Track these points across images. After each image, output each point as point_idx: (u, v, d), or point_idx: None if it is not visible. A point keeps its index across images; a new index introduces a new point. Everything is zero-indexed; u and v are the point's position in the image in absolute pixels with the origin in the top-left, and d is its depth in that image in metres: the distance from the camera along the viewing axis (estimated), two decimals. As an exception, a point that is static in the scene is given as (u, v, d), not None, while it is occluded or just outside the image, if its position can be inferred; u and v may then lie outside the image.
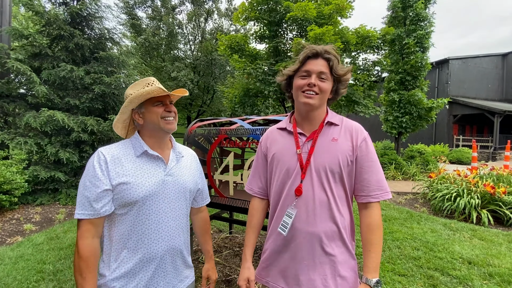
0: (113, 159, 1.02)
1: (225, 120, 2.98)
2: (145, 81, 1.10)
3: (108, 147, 1.07)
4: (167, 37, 18.96)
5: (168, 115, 1.10)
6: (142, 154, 1.08)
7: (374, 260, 1.01)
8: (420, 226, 4.05)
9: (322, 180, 1.04)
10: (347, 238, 1.07)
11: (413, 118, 9.26)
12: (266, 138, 1.22)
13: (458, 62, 17.55)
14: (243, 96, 9.22)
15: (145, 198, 1.03)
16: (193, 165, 1.25)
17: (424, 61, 9.18)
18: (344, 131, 1.08)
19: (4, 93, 5.05)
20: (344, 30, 8.36)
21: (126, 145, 1.10)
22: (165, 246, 1.07)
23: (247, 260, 1.15)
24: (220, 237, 3.41)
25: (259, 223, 1.22)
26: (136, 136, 1.11)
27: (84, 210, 0.97)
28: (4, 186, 3.96)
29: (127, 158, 1.05)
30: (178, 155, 1.18)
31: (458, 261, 2.98)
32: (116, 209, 1.02)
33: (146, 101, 1.08)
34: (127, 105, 1.07)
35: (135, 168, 1.04)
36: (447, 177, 5.42)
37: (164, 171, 1.10)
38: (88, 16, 5.92)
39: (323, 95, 1.04)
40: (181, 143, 1.66)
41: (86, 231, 0.97)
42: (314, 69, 1.03)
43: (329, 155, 1.04)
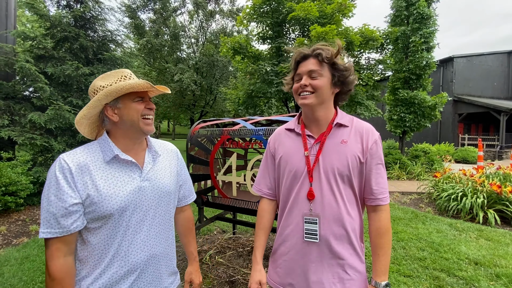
0: (79, 168, 0.88)
1: (228, 120, 2.97)
2: (119, 73, 0.97)
3: (72, 153, 0.91)
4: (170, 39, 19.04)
5: (149, 113, 0.98)
6: (112, 159, 0.94)
7: (383, 263, 1.01)
8: (425, 227, 4.01)
9: (330, 183, 1.02)
10: (356, 241, 1.05)
11: (417, 117, 9.18)
12: (274, 139, 1.20)
13: (463, 60, 17.36)
14: (247, 98, 9.23)
15: (121, 210, 0.91)
16: (173, 163, 1.13)
17: (430, 59, 9.09)
18: (355, 133, 1.05)
19: (10, 94, 5.11)
20: (348, 30, 8.31)
21: (92, 149, 0.95)
22: (146, 255, 0.98)
23: (258, 263, 1.13)
24: (224, 238, 3.41)
25: (268, 224, 1.20)
26: (105, 137, 0.96)
27: (51, 228, 0.85)
28: (10, 187, 4.00)
29: (96, 164, 0.91)
30: (155, 155, 1.06)
31: (465, 261, 2.95)
32: (88, 223, 0.90)
33: (124, 96, 0.94)
34: (102, 98, 0.91)
35: (106, 177, 0.91)
36: (453, 176, 5.36)
37: (139, 177, 0.97)
38: (91, 18, 5.97)
39: (318, 92, 1.02)
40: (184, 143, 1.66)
41: (57, 250, 0.86)
42: (303, 70, 1.04)
43: (337, 157, 1.02)
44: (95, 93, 0.95)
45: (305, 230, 1.04)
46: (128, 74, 0.98)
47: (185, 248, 1.26)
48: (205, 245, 3.27)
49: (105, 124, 0.98)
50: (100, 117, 0.98)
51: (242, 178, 2.51)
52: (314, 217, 1.02)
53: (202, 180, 2.88)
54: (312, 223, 1.03)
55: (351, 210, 1.04)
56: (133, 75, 1.00)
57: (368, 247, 2.73)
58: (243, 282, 2.46)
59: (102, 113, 0.97)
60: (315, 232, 1.02)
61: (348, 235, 1.03)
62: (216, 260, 2.84)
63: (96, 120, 1.01)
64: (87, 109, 0.94)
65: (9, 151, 4.78)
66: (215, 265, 2.75)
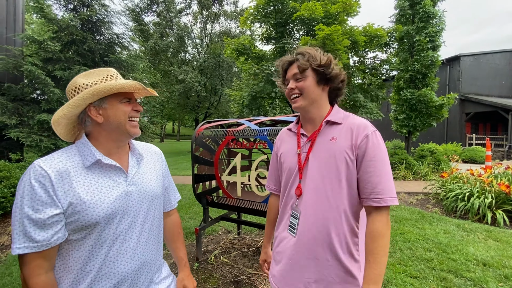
0: (58, 174, 0.80)
1: (232, 121, 2.98)
2: (105, 71, 0.92)
3: (48, 159, 0.83)
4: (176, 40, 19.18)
5: (136, 116, 0.93)
6: (94, 164, 0.87)
7: (373, 271, 0.92)
8: (432, 227, 3.96)
9: (317, 181, 1.01)
10: (340, 245, 0.99)
11: (423, 117, 9.08)
12: (278, 139, 1.28)
13: (469, 58, 17.13)
14: (251, 99, 9.26)
15: (107, 217, 0.85)
16: (157, 165, 1.09)
17: (435, 59, 9.00)
18: (346, 129, 1.02)
19: (19, 97, 5.21)
20: (353, 29, 8.28)
21: (71, 153, 0.87)
22: (137, 264, 0.92)
23: (265, 246, 1.34)
24: (229, 238, 3.42)
25: (275, 218, 1.29)
26: (84, 141, 0.89)
27: (29, 243, 0.76)
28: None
29: (76, 170, 0.84)
30: (139, 158, 1.01)
31: (473, 262, 2.90)
32: (70, 234, 0.83)
33: (111, 96, 0.88)
34: (87, 97, 0.84)
35: (88, 183, 0.84)
36: (460, 176, 5.28)
37: (125, 181, 0.92)
38: (98, 21, 6.05)
39: (306, 93, 1.05)
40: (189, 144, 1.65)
41: (37, 267, 0.78)
42: (289, 75, 1.09)
43: (326, 155, 1.01)
44: (76, 91, 0.87)
45: (290, 223, 1.09)
46: (114, 73, 0.93)
47: (174, 254, 1.18)
48: (210, 245, 3.28)
49: (86, 125, 0.91)
50: (81, 117, 0.90)
51: (247, 179, 2.51)
52: (296, 212, 1.06)
53: (207, 180, 2.89)
54: (294, 218, 1.07)
55: (339, 211, 0.98)
56: (119, 75, 0.95)
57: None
58: (248, 282, 2.46)
59: (84, 113, 0.89)
60: (294, 226, 1.06)
61: (329, 238, 0.98)
62: (221, 260, 2.84)
63: (75, 120, 0.92)
64: (68, 108, 0.86)
65: (17, 153, 4.86)
66: (220, 265, 2.76)
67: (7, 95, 5.11)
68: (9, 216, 4.17)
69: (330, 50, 7.32)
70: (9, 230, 3.67)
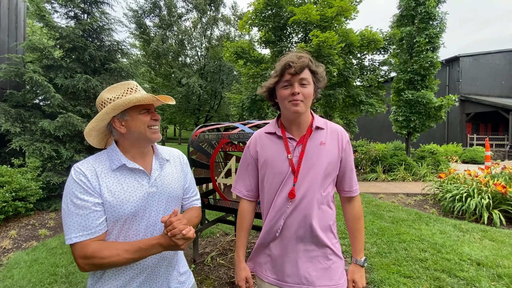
0: (93, 174, 0.94)
1: (227, 125, 3.05)
2: (126, 85, 1.02)
3: (85, 162, 0.97)
4: (176, 44, 19.36)
5: (155, 124, 1.03)
6: (120, 168, 0.98)
7: (360, 243, 1.20)
8: (428, 228, 3.99)
9: (312, 182, 1.09)
10: (334, 231, 1.18)
11: (422, 118, 9.10)
12: (254, 143, 1.23)
13: (469, 59, 17.15)
14: (250, 103, 9.32)
15: (132, 214, 0.96)
16: (179, 168, 1.18)
17: (434, 60, 9.02)
18: (331, 134, 1.15)
19: (21, 103, 5.31)
20: (348, 32, 8.34)
21: (102, 157, 1.00)
22: (156, 258, 1.03)
23: (242, 261, 1.21)
24: (226, 240, 3.46)
25: (249, 225, 1.26)
26: (113, 147, 1.01)
27: (83, 231, 0.89)
28: (20, 193, 4.14)
29: (105, 172, 0.97)
30: (162, 161, 1.10)
31: (467, 262, 2.93)
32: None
33: (131, 108, 0.99)
34: (110, 111, 0.96)
35: (115, 184, 0.96)
36: (457, 177, 5.30)
37: (148, 183, 1.02)
38: (98, 28, 6.16)
39: (307, 100, 1.09)
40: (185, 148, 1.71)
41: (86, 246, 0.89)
42: (294, 78, 1.07)
43: (318, 158, 1.11)
44: (102, 105, 0.99)
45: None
46: (134, 86, 1.02)
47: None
48: (208, 247, 3.33)
49: (113, 134, 1.04)
50: (109, 128, 1.04)
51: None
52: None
53: (204, 183, 2.95)
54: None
55: (331, 204, 1.16)
56: (139, 87, 1.04)
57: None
58: (244, 283, 2.50)
59: (110, 125, 1.02)
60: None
61: (330, 227, 1.15)
62: (218, 262, 2.89)
63: (105, 130, 1.06)
64: (95, 122, 0.99)
65: (19, 158, 4.95)
66: (217, 266, 2.81)
67: (9, 101, 5.21)
68: (11, 221, 4.25)
69: (326, 55, 7.39)
70: (11, 234, 3.75)
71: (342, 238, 3.60)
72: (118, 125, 0.99)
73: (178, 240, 0.88)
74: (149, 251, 0.91)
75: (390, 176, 8.07)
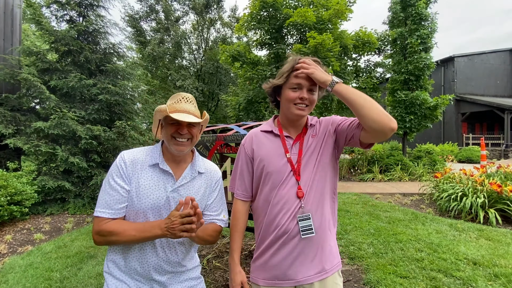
0: (132, 162, 1.06)
1: (222, 126, 3.05)
2: (178, 96, 1.12)
3: (130, 151, 1.10)
4: (173, 47, 19.34)
5: (179, 136, 1.07)
6: (154, 165, 1.08)
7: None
8: (425, 227, 4.00)
9: (315, 177, 1.11)
10: (335, 222, 1.21)
11: (417, 118, 9.16)
12: (250, 141, 1.22)
13: (464, 59, 17.31)
14: (247, 103, 9.33)
15: (145, 210, 1.04)
16: (208, 183, 1.19)
17: (428, 60, 9.11)
18: (319, 126, 1.21)
19: (16, 107, 5.28)
20: (343, 34, 8.40)
21: (146, 152, 1.11)
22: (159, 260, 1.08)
23: (237, 265, 1.16)
24: (222, 243, 3.46)
25: (244, 226, 1.22)
26: (158, 145, 1.14)
27: (107, 209, 1.00)
28: (15, 197, 4.11)
29: (142, 165, 1.07)
30: (194, 173, 1.14)
31: (463, 262, 2.94)
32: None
33: (167, 117, 1.08)
34: (154, 114, 1.13)
35: (144, 178, 1.05)
36: (453, 176, 5.34)
37: (171, 187, 1.07)
38: (94, 32, 6.15)
39: (312, 106, 1.13)
40: None
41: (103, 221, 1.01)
42: (306, 83, 1.08)
43: (315, 151, 1.14)
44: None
45: (301, 227, 1.08)
46: (184, 97, 1.11)
47: None
48: (204, 250, 3.31)
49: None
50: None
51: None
52: (306, 214, 1.08)
53: (199, 185, 2.94)
54: (305, 219, 1.08)
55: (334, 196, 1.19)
56: (187, 99, 1.11)
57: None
58: (240, 286, 2.49)
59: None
60: (310, 227, 1.08)
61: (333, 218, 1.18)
62: (214, 265, 2.88)
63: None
64: (153, 122, 1.18)
65: (15, 162, 4.91)
66: (213, 269, 2.80)
67: (4, 105, 5.18)
68: (7, 225, 4.21)
69: (322, 57, 7.42)
70: (6, 238, 3.71)
71: (339, 238, 3.60)
72: (161, 129, 1.13)
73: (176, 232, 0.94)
74: (150, 231, 0.98)
75: (386, 176, 8.11)
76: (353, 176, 8.72)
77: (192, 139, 1.10)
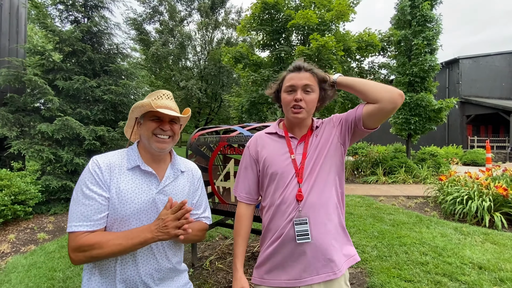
0: (108, 167, 0.97)
1: (226, 127, 3.04)
2: (158, 92, 1.08)
3: (103, 155, 1.01)
4: (177, 48, 19.43)
5: (161, 133, 1.03)
6: (134, 168, 1.02)
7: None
8: (429, 231, 3.96)
9: (317, 182, 1.08)
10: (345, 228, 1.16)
11: (422, 120, 9.09)
12: (255, 143, 1.21)
13: (469, 61, 17.17)
14: (250, 105, 9.33)
15: (131, 215, 0.96)
16: (191, 181, 1.16)
17: (433, 62, 9.04)
18: (324, 126, 1.19)
19: (21, 107, 5.32)
20: (346, 36, 8.38)
21: (122, 155, 1.04)
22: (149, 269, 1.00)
23: (238, 271, 1.13)
24: (225, 244, 3.44)
25: (248, 231, 1.20)
26: (134, 147, 1.07)
27: (83, 222, 0.90)
28: (19, 196, 4.13)
29: (119, 169, 0.99)
30: (176, 172, 1.11)
31: (468, 266, 2.90)
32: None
33: (146, 114, 1.04)
34: (130, 112, 1.07)
35: (125, 182, 0.98)
36: (458, 179, 5.28)
37: (156, 189, 1.02)
38: (98, 32, 6.19)
39: (310, 108, 1.10)
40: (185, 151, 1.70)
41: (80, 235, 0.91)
42: (298, 84, 1.08)
43: (319, 154, 1.11)
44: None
45: (297, 232, 1.05)
46: (162, 94, 1.07)
47: None
48: (207, 251, 3.30)
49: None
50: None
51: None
52: (303, 218, 1.05)
53: (202, 186, 2.93)
54: (302, 224, 1.05)
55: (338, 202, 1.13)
56: (168, 96, 1.08)
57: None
58: (242, 288, 2.47)
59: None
60: (307, 232, 1.04)
61: (341, 223, 1.13)
62: (216, 266, 2.87)
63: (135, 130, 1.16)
64: (128, 120, 1.12)
65: (19, 161, 4.94)
66: (215, 271, 2.78)
67: (9, 105, 5.22)
68: (10, 224, 4.23)
69: (325, 60, 7.40)
70: (10, 238, 3.73)
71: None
72: (138, 127, 1.09)
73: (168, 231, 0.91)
74: (139, 236, 0.92)
75: (390, 179, 8.04)
76: (356, 178, 8.66)
77: (173, 137, 1.07)
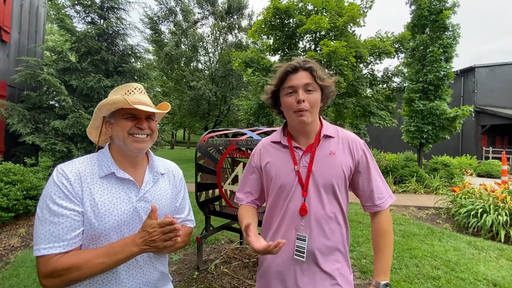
0: (78, 178, 0.84)
1: (235, 131, 3.03)
2: (128, 86, 0.95)
3: (70, 163, 0.87)
4: (190, 50, 19.69)
5: (138, 132, 0.91)
6: (108, 176, 0.89)
7: (383, 263, 1.02)
8: (441, 244, 3.82)
9: (322, 197, 1.01)
10: (346, 251, 1.07)
11: (435, 129, 8.88)
12: (259, 152, 1.16)
13: (485, 70, 16.73)
14: (258, 108, 9.36)
15: (111, 230, 0.85)
16: (172, 183, 1.07)
17: (448, 70, 8.84)
18: (342, 144, 1.06)
19: (37, 104, 5.46)
20: (358, 42, 8.33)
21: (91, 161, 0.90)
22: (138, 283, 0.91)
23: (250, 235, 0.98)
24: (230, 248, 3.41)
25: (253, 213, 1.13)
26: (105, 151, 0.93)
27: (54, 243, 0.76)
28: (31, 191, 4.21)
29: (91, 178, 0.86)
30: (156, 175, 1.00)
31: (482, 282, 2.77)
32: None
33: (118, 111, 0.91)
34: (97, 111, 0.92)
35: (99, 193, 0.85)
36: (472, 191, 5.10)
37: (136, 196, 0.92)
38: (113, 33, 6.32)
39: (314, 108, 1.01)
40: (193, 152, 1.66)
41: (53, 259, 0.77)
42: (298, 84, 1.00)
43: (328, 170, 1.02)
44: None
45: (296, 247, 1.01)
46: (135, 88, 0.95)
47: None
48: (212, 254, 3.28)
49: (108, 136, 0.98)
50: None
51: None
52: (303, 234, 1.00)
53: (210, 189, 2.92)
54: (301, 240, 1.00)
55: (342, 221, 1.05)
56: (140, 90, 0.96)
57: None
58: (247, 294, 2.44)
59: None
60: (303, 249, 0.99)
61: (342, 245, 1.05)
62: (221, 270, 2.83)
63: (102, 131, 1.01)
64: (91, 120, 0.97)
65: (32, 157, 5.06)
66: (220, 275, 2.75)
67: (26, 102, 5.37)
68: (21, 219, 4.31)
69: (335, 66, 7.35)
70: (20, 232, 3.80)
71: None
72: (107, 127, 0.95)
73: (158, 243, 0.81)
74: (124, 251, 0.81)
75: (401, 188, 7.86)
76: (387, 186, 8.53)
77: (152, 135, 0.96)
